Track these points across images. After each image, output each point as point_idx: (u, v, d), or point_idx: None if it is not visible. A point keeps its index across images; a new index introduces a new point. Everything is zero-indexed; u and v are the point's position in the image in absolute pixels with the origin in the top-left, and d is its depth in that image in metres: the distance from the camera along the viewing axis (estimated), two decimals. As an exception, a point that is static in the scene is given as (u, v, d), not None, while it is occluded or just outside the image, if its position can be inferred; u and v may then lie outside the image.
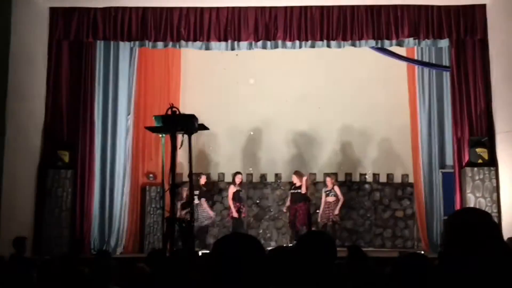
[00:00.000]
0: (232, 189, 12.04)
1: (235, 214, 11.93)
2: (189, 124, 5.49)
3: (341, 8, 11.33)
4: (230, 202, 11.99)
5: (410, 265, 2.76)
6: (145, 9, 11.46)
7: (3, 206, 9.54)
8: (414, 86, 12.56)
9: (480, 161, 10.78)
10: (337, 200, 11.83)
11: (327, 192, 11.91)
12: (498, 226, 2.26)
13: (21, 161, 10.28)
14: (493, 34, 10.91)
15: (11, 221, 9.66)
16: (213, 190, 12.93)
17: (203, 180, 12.20)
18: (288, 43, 11.51)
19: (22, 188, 10.36)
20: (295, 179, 11.87)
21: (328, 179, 12.08)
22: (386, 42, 11.47)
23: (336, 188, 11.90)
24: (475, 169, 10.73)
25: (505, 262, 2.07)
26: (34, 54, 10.84)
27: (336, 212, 11.73)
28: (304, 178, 11.80)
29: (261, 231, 12.98)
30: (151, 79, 12.97)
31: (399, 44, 11.55)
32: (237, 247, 2.12)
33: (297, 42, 11.45)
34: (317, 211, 12.02)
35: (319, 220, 11.87)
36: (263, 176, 13.38)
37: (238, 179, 12.11)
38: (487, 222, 2.17)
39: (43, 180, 10.92)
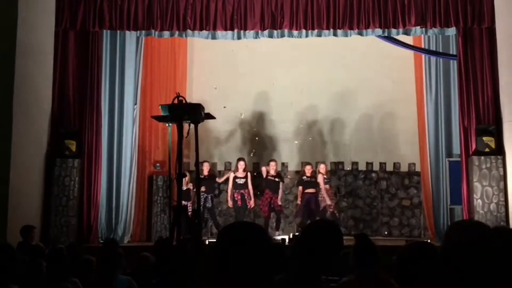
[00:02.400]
0: (231, 176, 11.93)
1: (229, 204, 11.89)
2: (195, 113, 5.47)
3: (347, -4, 11.30)
4: (229, 190, 11.92)
5: (416, 254, 2.76)
6: (151, -2, 11.46)
7: (11, 195, 9.57)
8: (421, 75, 12.52)
9: (487, 149, 10.74)
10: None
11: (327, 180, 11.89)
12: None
13: (29, 150, 10.30)
14: (500, 22, 10.82)
15: (19, 210, 9.70)
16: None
17: (205, 169, 11.95)
18: (295, 32, 11.49)
19: (30, 177, 10.40)
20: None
21: (322, 166, 12.02)
22: (393, 30, 11.43)
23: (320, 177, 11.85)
24: (482, 157, 10.69)
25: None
26: (41, 44, 10.83)
27: (329, 202, 11.67)
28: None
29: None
30: (158, 69, 12.97)
31: (406, 32, 11.51)
32: (243, 235, 2.13)
33: (304, 31, 11.44)
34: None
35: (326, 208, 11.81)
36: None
37: (240, 166, 11.90)
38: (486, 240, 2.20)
39: (50, 169, 10.95)
